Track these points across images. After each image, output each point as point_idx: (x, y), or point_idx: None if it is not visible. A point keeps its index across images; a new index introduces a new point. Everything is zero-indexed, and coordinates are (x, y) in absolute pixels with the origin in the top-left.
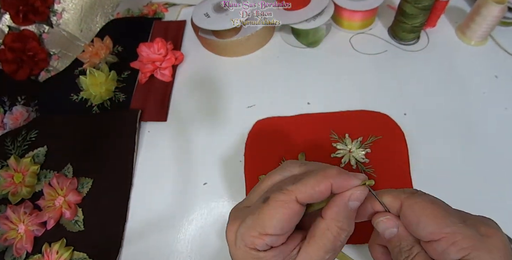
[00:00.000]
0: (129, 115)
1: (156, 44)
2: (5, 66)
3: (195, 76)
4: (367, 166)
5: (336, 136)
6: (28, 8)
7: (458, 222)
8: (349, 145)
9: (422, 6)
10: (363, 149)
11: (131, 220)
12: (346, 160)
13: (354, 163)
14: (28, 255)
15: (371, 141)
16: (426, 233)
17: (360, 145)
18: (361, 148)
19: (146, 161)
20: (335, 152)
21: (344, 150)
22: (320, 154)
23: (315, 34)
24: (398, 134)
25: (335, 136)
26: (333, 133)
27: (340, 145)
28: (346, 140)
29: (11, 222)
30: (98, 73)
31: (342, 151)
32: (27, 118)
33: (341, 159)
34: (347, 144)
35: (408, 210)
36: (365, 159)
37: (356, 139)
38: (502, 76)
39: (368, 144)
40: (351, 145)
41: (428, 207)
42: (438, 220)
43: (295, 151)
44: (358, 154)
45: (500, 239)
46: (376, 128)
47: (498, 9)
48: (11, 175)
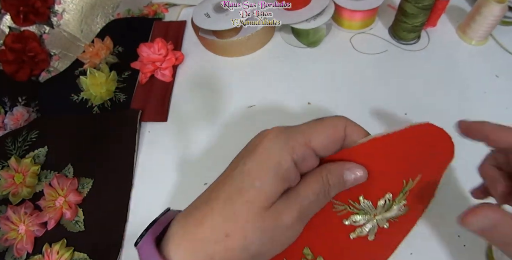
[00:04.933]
0: (129, 115)
1: (157, 44)
2: (5, 66)
3: (195, 76)
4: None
5: (342, 205)
6: (28, 8)
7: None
8: (368, 211)
9: (423, 6)
10: (396, 205)
11: (131, 220)
12: (375, 228)
13: (385, 223)
14: (28, 256)
15: (409, 189)
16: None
17: (392, 204)
18: (395, 205)
19: (147, 161)
20: (355, 230)
21: (366, 222)
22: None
23: (315, 34)
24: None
25: (340, 205)
26: (335, 203)
27: (356, 216)
28: (362, 206)
29: (11, 222)
30: (99, 74)
31: (363, 227)
32: (27, 119)
33: (367, 234)
34: (366, 210)
35: None
36: (401, 210)
37: (382, 198)
38: (503, 75)
39: (404, 196)
40: (375, 211)
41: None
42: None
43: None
44: (391, 214)
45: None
46: (412, 161)
47: (498, 9)
48: (12, 176)
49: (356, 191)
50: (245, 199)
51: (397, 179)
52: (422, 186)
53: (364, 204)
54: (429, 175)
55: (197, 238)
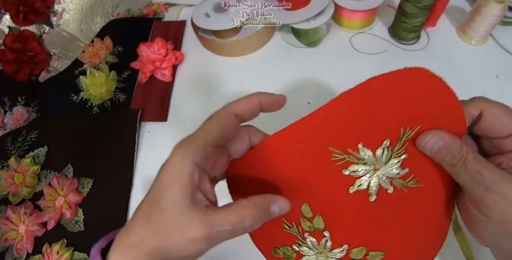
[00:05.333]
0: (129, 115)
1: (156, 44)
2: (5, 66)
3: (195, 76)
4: (408, 180)
5: (342, 154)
6: (28, 8)
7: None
8: (370, 163)
9: (423, 6)
10: (396, 158)
11: None
12: (376, 187)
13: (388, 184)
14: (28, 256)
15: (406, 138)
16: (508, 130)
17: (391, 154)
18: (393, 157)
19: (146, 161)
20: (354, 183)
21: (366, 175)
22: (332, 196)
23: (315, 34)
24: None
25: (339, 154)
26: (334, 151)
27: (356, 166)
28: (362, 155)
29: (11, 222)
30: (98, 73)
31: (363, 177)
32: (27, 119)
33: (367, 190)
34: (367, 161)
35: (489, 115)
36: (403, 171)
37: (380, 147)
38: (503, 75)
39: (402, 146)
40: (375, 161)
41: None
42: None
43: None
44: (392, 170)
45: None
46: (410, 108)
47: (498, 9)
48: (12, 176)
49: (354, 139)
50: (159, 207)
51: (393, 126)
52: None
53: (363, 152)
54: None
55: (125, 244)
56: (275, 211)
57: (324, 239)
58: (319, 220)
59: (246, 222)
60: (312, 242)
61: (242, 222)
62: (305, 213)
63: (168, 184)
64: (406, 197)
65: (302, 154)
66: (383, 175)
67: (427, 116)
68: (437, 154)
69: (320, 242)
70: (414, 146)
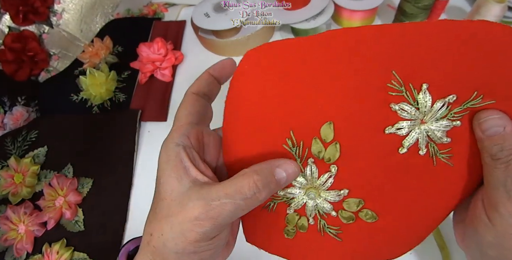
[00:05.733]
0: (129, 115)
1: (156, 44)
2: (5, 66)
3: (195, 76)
4: (444, 151)
5: (401, 85)
6: (28, 8)
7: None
8: (422, 110)
9: (422, 6)
10: (450, 120)
11: (131, 220)
12: (413, 139)
13: (423, 144)
14: (28, 256)
15: (471, 106)
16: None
17: (447, 113)
18: (448, 117)
19: (146, 161)
20: (394, 125)
21: (411, 121)
22: (363, 127)
23: (315, 34)
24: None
25: (399, 86)
26: (395, 77)
27: (407, 106)
28: (420, 97)
29: (11, 222)
30: (98, 73)
31: (406, 123)
32: (27, 119)
33: (402, 139)
34: (421, 107)
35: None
36: (446, 139)
37: (443, 99)
38: None
39: (462, 111)
40: (428, 111)
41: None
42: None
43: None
44: (437, 132)
45: None
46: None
47: (498, 9)
48: (12, 176)
49: (422, 76)
50: (160, 197)
51: (469, 84)
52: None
53: (423, 96)
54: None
55: (142, 245)
56: (280, 176)
57: (327, 174)
58: (335, 148)
59: (245, 190)
60: (312, 172)
61: (240, 191)
62: (324, 133)
63: (160, 173)
64: (430, 168)
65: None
66: (426, 132)
67: (506, 89)
68: (487, 138)
69: (321, 177)
70: (471, 118)
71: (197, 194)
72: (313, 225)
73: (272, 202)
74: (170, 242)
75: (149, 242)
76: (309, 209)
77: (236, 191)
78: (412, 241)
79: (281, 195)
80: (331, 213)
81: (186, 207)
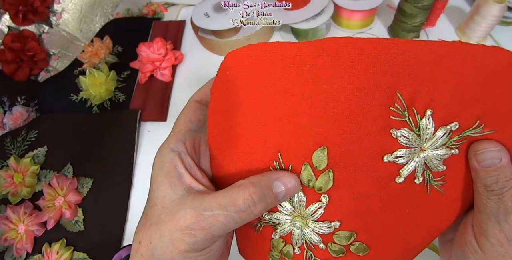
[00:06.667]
0: (129, 115)
1: (156, 44)
2: (4, 66)
3: (194, 75)
4: (437, 179)
5: (404, 109)
6: (27, 8)
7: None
8: (424, 136)
9: (422, 6)
10: (448, 148)
11: (131, 220)
12: (412, 168)
13: (420, 172)
14: (28, 255)
15: (471, 133)
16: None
17: (446, 142)
18: (447, 144)
19: (146, 161)
20: (393, 153)
21: (410, 149)
22: (360, 154)
23: (315, 34)
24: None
25: (402, 110)
26: (399, 100)
27: (409, 133)
28: (423, 124)
29: (11, 222)
30: (98, 73)
31: (406, 150)
32: (27, 118)
33: (400, 168)
34: (422, 134)
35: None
36: (441, 166)
37: (445, 127)
38: None
39: (461, 139)
40: (429, 137)
41: None
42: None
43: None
44: (436, 157)
45: None
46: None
47: (498, 9)
48: (11, 176)
49: (427, 101)
50: (151, 204)
51: (473, 112)
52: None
53: (427, 122)
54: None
55: (132, 251)
56: (279, 190)
57: (317, 204)
58: (328, 177)
59: (240, 203)
60: (299, 200)
61: (234, 203)
62: (316, 160)
63: (153, 179)
64: (423, 196)
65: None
66: (425, 160)
67: (507, 120)
68: (483, 169)
69: (310, 206)
70: (468, 147)
71: (190, 202)
72: (299, 254)
73: (259, 223)
74: (159, 251)
75: (137, 250)
76: (295, 238)
77: (230, 203)
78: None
79: (267, 218)
80: (319, 245)
81: (177, 215)
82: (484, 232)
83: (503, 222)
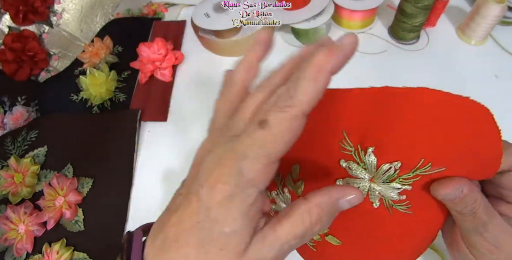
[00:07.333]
0: (129, 115)
1: (156, 44)
2: (5, 66)
3: (195, 76)
4: (400, 205)
5: (350, 145)
6: (28, 8)
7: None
8: (369, 171)
9: (422, 6)
10: (399, 185)
11: (131, 220)
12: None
13: (376, 199)
14: (28, 255)
15: (420, 173)
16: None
17: (395, 178)
18: (396, 182)
19: (146, 161)
20: (344, 179)
21: (359, 179)
22: (320, 173)
23: (315, 34)
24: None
25: (348, 145)
26: (345, 138)
27: (355, 166)
28: (366, 160)
29: (11, 222)
30: (98, 73)
31: (356, 180)
32: (27, 118)
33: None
34: (368, 167)
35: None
36: (399, 197)
37: (389, 164)
38: (502, 75)
39: (411, 178)
40: (375, 173)
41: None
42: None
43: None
44: (388, 193)
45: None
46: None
47: (498, 9)
48: (12, 175)
49: (368, 138)
50: (218, 248)
51: (415, 152)
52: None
53: (369, 158)
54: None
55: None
56: (344, 206)
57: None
58: (300, 186)
59: (314, 229)
60: (287, 198)
61: (310, 230)
62: (293, 172)
63: (225, 219)
64: (387, 217)
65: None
66: (376, 190)
67: (456, 154)
68: (449, 202)
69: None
70: (424, 184)
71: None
72: None
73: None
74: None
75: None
76: None
77: (305, 232)
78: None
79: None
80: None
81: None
82: (472, 244)
83: (484, 233)
